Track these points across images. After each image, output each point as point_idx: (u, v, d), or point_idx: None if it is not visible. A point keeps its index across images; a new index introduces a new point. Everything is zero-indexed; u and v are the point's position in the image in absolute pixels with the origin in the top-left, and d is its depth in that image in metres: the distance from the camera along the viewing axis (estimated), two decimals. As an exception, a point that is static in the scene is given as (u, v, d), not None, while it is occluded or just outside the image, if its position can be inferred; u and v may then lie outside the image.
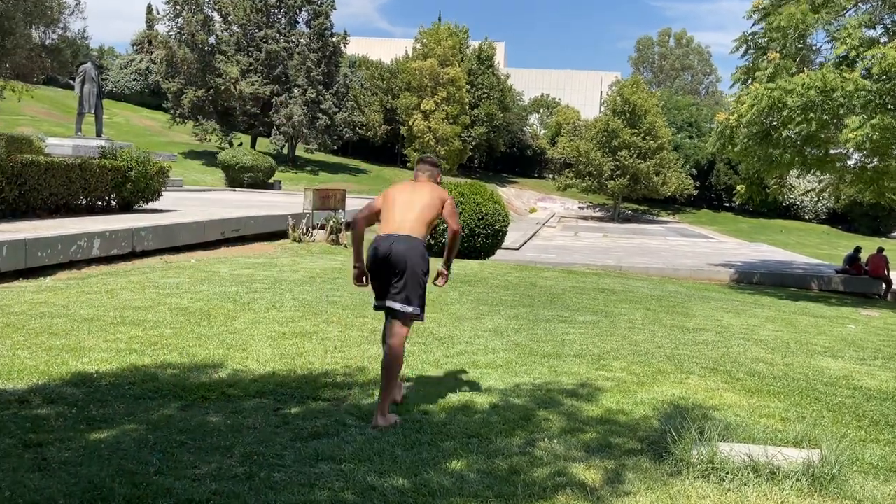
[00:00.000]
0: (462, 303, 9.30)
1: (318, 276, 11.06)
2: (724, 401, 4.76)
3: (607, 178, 51.26)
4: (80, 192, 14.00)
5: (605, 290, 12.30)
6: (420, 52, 49.13)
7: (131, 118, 53.58)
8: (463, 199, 18.63)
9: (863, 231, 53.61)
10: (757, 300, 14.25)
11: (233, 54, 46.55)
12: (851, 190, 22.07)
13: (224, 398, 4.34)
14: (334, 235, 18.01)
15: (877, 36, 16.61)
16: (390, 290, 4.12)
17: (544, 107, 71.58)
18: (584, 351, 6.31)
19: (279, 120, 46.28)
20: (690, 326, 8.77)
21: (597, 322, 8.42)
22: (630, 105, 51.29)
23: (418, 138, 47.23)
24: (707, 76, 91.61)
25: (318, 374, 4.97)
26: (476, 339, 6.65)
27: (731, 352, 6.89)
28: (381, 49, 68.99)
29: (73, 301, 7.71)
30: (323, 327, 6.86)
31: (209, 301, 8.02)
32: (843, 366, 6.57)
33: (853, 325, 10.37)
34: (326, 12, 47.63)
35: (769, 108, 15.57)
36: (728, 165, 55.97)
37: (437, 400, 4.44)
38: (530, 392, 4.70)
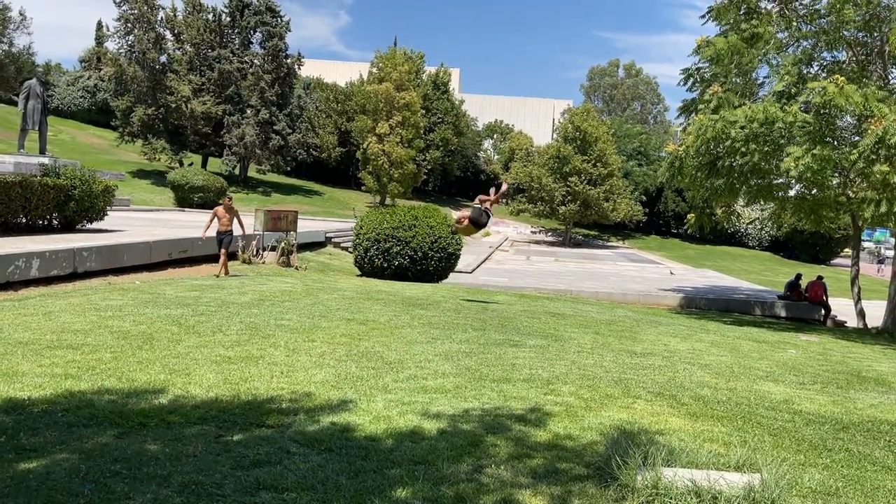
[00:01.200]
0: (413, 326, 9.25)
1: (266, 299, 10.88)
2: (669, 425, 4.82)
3: (559, 204, 52.01)
4: (20, 210, 13.55)
5: (555, 314, 12.40)
6: (376, 76, 49.30)
7: (77, 136, 52.28)
8: (416, 221, 18.66)
9: (804, 258, 55.50)
10: (703, 325, 14.55)
11: (185, 73, 45.96)
12: (792, 219, 22.86)
13: (164, 425, 4.20)
14: (285, 257, 17.80)
15: (815, 73, 17.34)
16: None
17: (498, 132, 72.51)
18: (533, 375, 6.33)
19: (231, 140, 45.75)
20: (638, 351, 8.89)
21: (547, 346, 8.47)
22: (581, 132, 52.32)
23: (373, 161, 47.21)
24: (655, 106, 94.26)
25: (263, 400, 4.86)
26: (426, 364, 6.61)
27: (677, 376, 7.00)
28: (337, 72, 69.08)
29: (8, 324, 7.41)
30: (270, 351, 6.73)
31: (152, 324, 7.79)
32: (784, 390, 6.72)
33: (794, 350, 10.66)
34: (281, 34, 47.50)
35: (713, 138, 16.06)
36: (676, 193, 57.47)
37: (385, 426, 4.37)
38: (479, 417, 4.67)
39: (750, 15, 16.57)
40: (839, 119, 16.23)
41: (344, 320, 9.23)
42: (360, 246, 18.68)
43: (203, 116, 45.27)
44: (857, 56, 17.64)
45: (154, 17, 44.94)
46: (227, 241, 14.33)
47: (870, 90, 14.87)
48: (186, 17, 47.49)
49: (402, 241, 18.22)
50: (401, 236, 18.22)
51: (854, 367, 9.20)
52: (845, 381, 7.66)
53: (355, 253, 19.11)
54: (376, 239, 18.30)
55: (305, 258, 20.13)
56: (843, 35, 16.98)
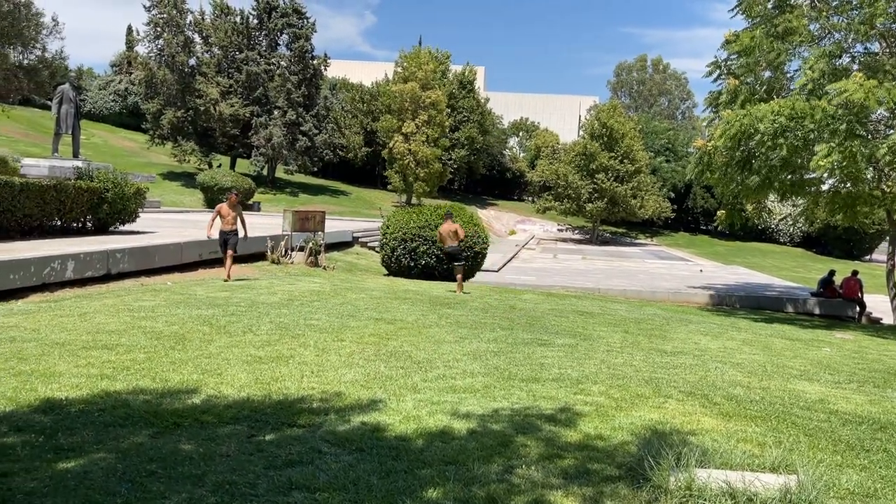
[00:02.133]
0: (441, 326, 9.27)
1: (296, 299, 10.97)
2: (701, 425, 4.76)
3: (585, 201, 51.66)
4: (54, 213, 13.82)
5: (583, 313, 12.33)
6: (401, 76, 49.42)
7: (109, 139, 53.19)
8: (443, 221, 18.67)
9: (837, 254, 54.43)
10: (734, 323, 14.36)
11: (213, 76, 46.50)
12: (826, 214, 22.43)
13: (197, 425, 4.25)
14: (313, 257, 17.93)
15: (846, 64, 17.00)
16: None
17: (523, 130, 72.25)
18: (562, 375, 6.30)
19: (259, 141, 46.18)
20: (668, 349, 8.80)
21: (575, 345, 8.42)
22: (608, 129, 51.89)
23: (398, 160, 47.34)
24: (684, 101, 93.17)
25: (294, 400, 4.90)
26: (455, 363, 6.62)
27: (709, 375, 6.91)
28: (362, 72, 69.35)
29: (45, 325, 7.56)
30: (300, 351, 6.78)
31: (184, 324, 7.90)
32: (819, 389, 6.61)
33: (828, 348, 10.46)
34: (307, 35, 47.82)
35: (741, 133, 15.83)
36: (705, 189, 56.72)
37: (415, 426, 4.39)
38: (509, 417, 4.67)
39: (780, 9, 16.28)
40: (869, 114, 15.88)
41: (372, 320, 9.27)
42: (387, 245, 18.74)
43: (231, 118, 45.77)
44: (891, 47, 17.25)
45: (183, 20, 45.51)
46: (234, 242, 13.37)
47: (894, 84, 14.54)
48: (214, 20, 48.03)
49: (429, 240, 18.24)
50: (427, 235, 18.24)
51: (891, 365, 9.00)
52: (882, 380, 7.50)
53: (382, 252, 19.19)
54: (403, 238, 18.35)
55: (333, 258, 20.26)
56: (875, 27, 16.62)
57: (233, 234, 13.41)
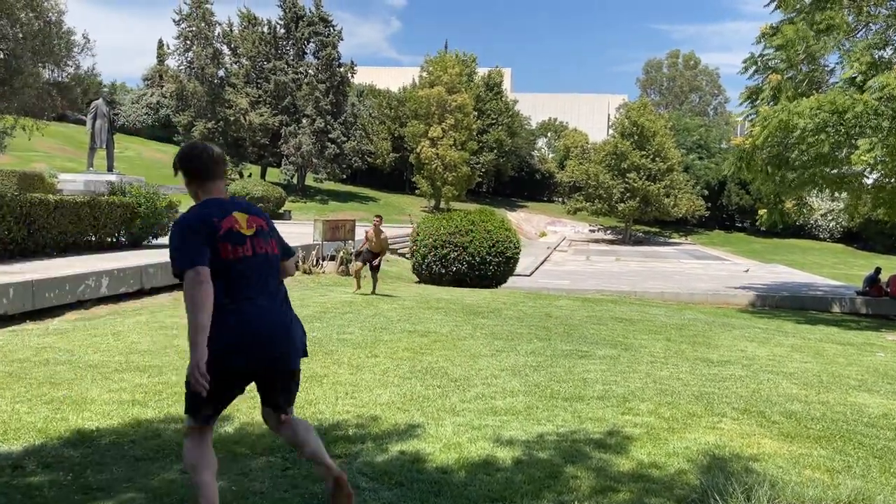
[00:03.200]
0: (476, 338, 9.03)
1: (328, 311, 10.83)
2: (762, 449, 4.46)
3: (617, 201, 51.00)
4: (89, 229, 13.90)
5: (622, 320, 11.99)
6: (427, 80, 49.35)
7: (143, 152, 53.98)
8: (473, 226, 18.44)
9: (879, 249, 52.89)
10: (779, 326, 13.89)
11: (242, 86, 46.96)
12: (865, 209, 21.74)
13: (230, 457, 4.08)
14: (344, 266, 17.82)
15: (889, 56, 16.41)
16: None
17: (552, 130, 71.68)
18: (607, 392, 6.02)
19: (288, 150, 46.48)
20: (714, 359, 8.46)
21: (617, 356, 8.13)
22: (638, 127, 51.20)
23: (426, 165, 47.25)
24: (715, 97, 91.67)
25: (329, 426, 4.71)
26: (493, 380, 6.38)
27: (762, 388, 6.57)
28: (389, 77, 69.46)
29: (79, 345, 7.50)
30: (333, 369, 6.60)
31: (217, 342, 7.77)
32: (881, 402, 6.23)
33: (882, 353, 10.00)
34: (334, 43, 48.03)
35: (781, 129, 15.36)
36: (740, 186, 55.59)
37: (456, 455, 4.16)
38: (555, 443, 4.41)
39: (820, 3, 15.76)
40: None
41: (405, 332, 9.08)
42: (418, 253, 18.57)
43: (261, 128, 46.14)
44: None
45: (211, 32, 46.04)
46: (378, 261, 14.48)
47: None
48: (242, 32, 48.51)
49: (460, 246, 18.04)
50: (458, 242, 18.04)
51: (953, 371, 8.53)
52: (948, 390, 7.08)
53: (413, 260, 19.02)
54: (433, 245, 18.17)
55: (364, 266, 20.14)
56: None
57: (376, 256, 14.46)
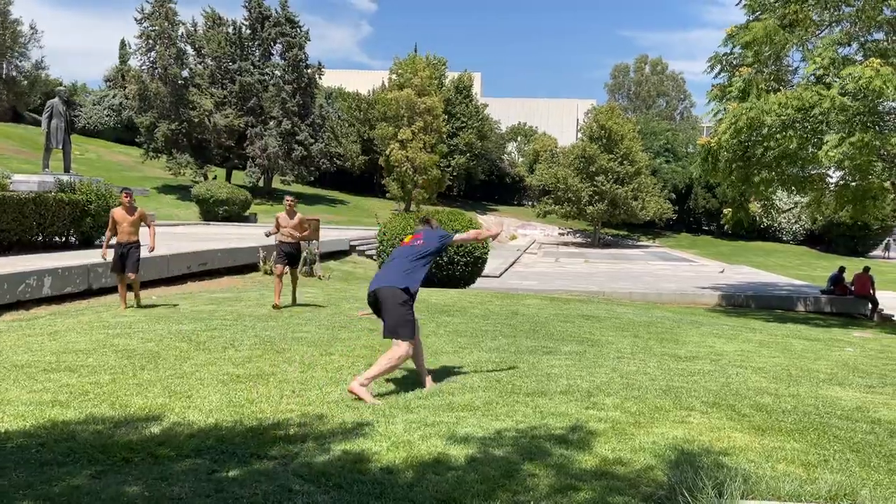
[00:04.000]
0: (439, 335, 8.69)
1: (285, 311, 10.40)
2: (733, 442, 4.18)
3: (586, 204, 51.11)
4: (34, 228, 13.27)
5: (589, 317, 11.74)
6: (396, 83, 48.98)
7: (104, 154, 52.74)
8: (442, 226, 18.10)
9: (840, 251, 53.76)
10: (746, 324, 13.76)
11: (206, 87, 46.07)
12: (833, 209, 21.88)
13: (151, 460, 3.67)
14: (308, 267, 17.35)
15: (852, 54, 16.47)
16: None
17: (521, 135, 71.78)
18: (571, 386, 5.71)
19: (254, 152, 45.70)
20: (682, 354, 8.22)
21: (583, 352, 7.84)
22: (606, 131, 51.40)
23: (396, 168, 46.82)
24: (681, 102, 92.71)
25: (269, 426, 4.31)
26: (453, 376, 6.03)
27: (731, 382, 6.32)
28: (359, 80, 68.93)
29: (9, 346, 6.99)
30: (283, 367, 6.20)
31: (161, 341, 7.33)
32: (854, 395, 6.02)
33: (851, 348, 9.87)
34: (301, 44, 47.41)
35: (748, 127, 15.28)
36: (706, 189, 56.16)
37: (404, 454, 3.80)
38: (513, 440, 4.08)
39: (786, 0, 15.75)
40: (880, 104, 15.35)
41: (366, 331, 8.69)
42: (385, 252, 18.16)
43: (226, 129, 45.30)
44: None
45: (175, 32, 45.11)
46: (134, 261, 9.95)
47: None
48: (207, 32, 47.63)
49: (427, 246, 17.68)
50: (425, 241, 17.68)
51: (922, 365, 8.41)
52: (919, 383, 6.91)
53: (379, 260, 18.61)
54: (400, 245, 17.79)
55: (329, 267, 19.70)
56: (883, 14, 16.09)
57: (131, 246, 9.98)
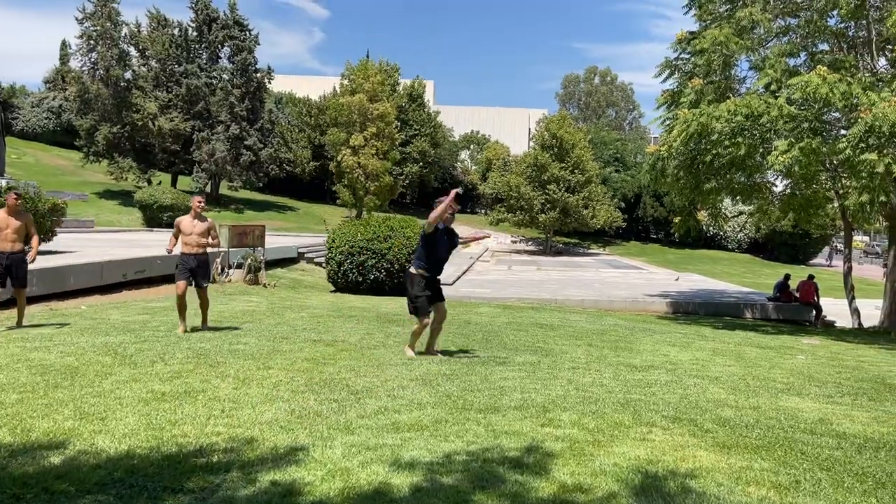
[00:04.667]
0: (388, 346, 8.29)
1: (225, 320, 9.85)
2: (699, 462, 3.89)
3: (538, 212, 51.26)
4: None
5: (543, 326, 11.49)
6: (348, 88, 48.36)
7: (42, 158, 50.75)
8: (392, 232, 17.69)
9: (783, 259, 55.20)
10: (698, 331, 13.72)
11: (151, 90, 44.71)
12: (779, 216, 22.24)
13: (45, 497, 3.17)
14: (252, 275, 16.73)
15: (800, 64, 16.72)
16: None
17: (474, 143, 71.84)
18: (526, 400, 5.38)
19: (201, 157, 44.50)
20: (638, 364, 7.99)
21: (537, 363, 7.54)
22: (557, 140, 51.71)
23: (347, 174, 46.13)
24: (630, 112, 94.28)
25: (190, 452, 3.85)
26: (400, 391, 5.64)
27: (689, 394, 6.09)
28: (310, 86, 68.04)
29: None
30: (215, 383, 5.71)
31: (83, 355, 6.74)
32: (814, 406, 5.84)
33: (803, 356, 9.82)
34: (250, 47, 46.45)
35: (698, 133, 15.33)
36: (654, 198, 57.01)
37: (341, 484, 3.39)
38: (464, 464, 3.71)
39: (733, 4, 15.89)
40: (826, 113, 15.59)
41: (309, 342, 8.23)
42: (333, 260, 17.67)
43: (171, 133, 43.98)
44: (842, 46, 17.06)
45: (118, 33, 43.64)
46: (20, 272, 8.60)
47: (855, 79, 14.25)
48: (151, 33, 46.27)
49: (378, 253, 17.25)
50: (376, 248, 17.25)
51: (874, 373, 8.36)
52: (874, 392, 6.80)
53: (328, 268, 18.10)
54: (350, 252, 17.31)
55: (276, 275, 19.06)
56: (827, 25, 16.39)
57: (15, 256, 8.53)
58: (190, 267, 8.80)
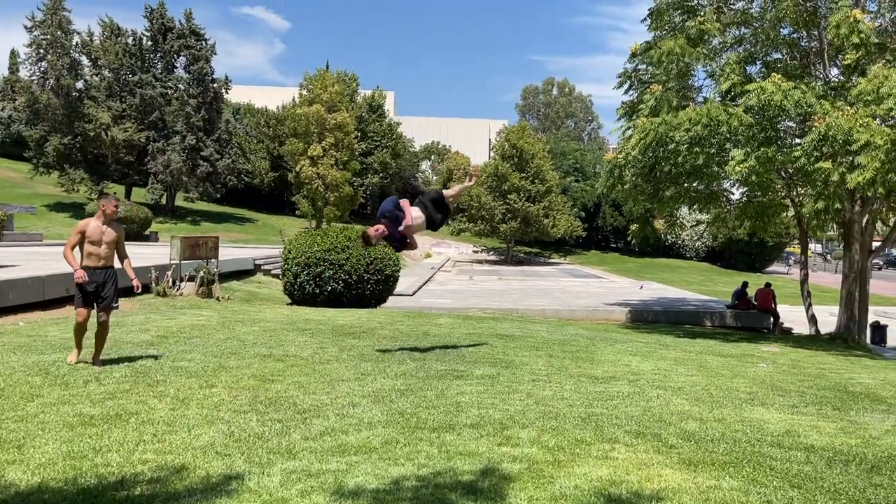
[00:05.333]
0: (341, 360, 7.94)
1: (171, 335, 9.38)
2: (665, 482, 3.66)
3: (499, 222, 51.32)
4: None
5: (503, 336, 11.25)
6: (306, 98, 47.82)
7: (-12, 169, 49.06)
8: (350, 243, 17.31)
9: (739, 267, 56.18)
10: (659, 340, 13.64)
11: (104, 100, 43.55)
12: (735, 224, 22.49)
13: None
14: (205, 287, 16.18)
15: (755, 72, 16.91)
16: None
17: (435, 153, 71.79)
18: (483, 417, 5.11)
19: (156, 168, 43.46)
20: (599, 375, 7.79)
21: (496, 375, 7.28)
22: (518, 150, 51.93)
23: (306, 185, 45.53)
24: (589, 123, 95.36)
25: (112, 484, 3.48)
26: (350, 409, 5.32)
27: (653, 406, 5.89)
28: (268, 97, 67.23)
29: None
30: (151, 404, 5.32)
31: (11, 375, 6.27)
32: (779, 417, 5.69)
33: (764, 364, 9.76)
34: (206, 57, 45.65)
35: (657, 142, 15.35)
36: (613, 208, 57.58)
37: (277, 517, 3.07)
38: (414, 491, 3.41)
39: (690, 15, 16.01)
40: (780, 122, 15.77)
41: (258, 357, 7.85)
42: (289, 272, 17.20)
43: (125, 144, 42.85)
44: (795, 55, 17.32)
45: (69, 41, 42.45)
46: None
47: (809, 87, 14.44)
48: (104, 42, 45.15)
49: (336, 264, 16.85)
50: (333, 259, 16.84)
51: (835, 380, 8.30)
52: (838, 400, 6.70)
53: (284, 279, 17.62)
54: (306, 263, 16.87)
55: (231, 287, 18.51)
56: (780, 35, 16.61)
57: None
58: (95, 284, 7.04)
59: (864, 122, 12.63)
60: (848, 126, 12.70)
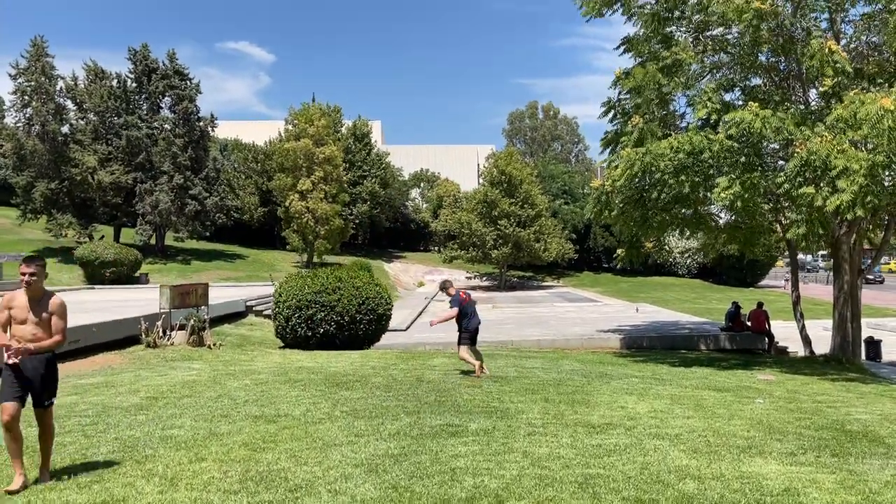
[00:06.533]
0: (334, 419, 7.83)
1: (162, 396, 9.25)
2: (664, 565, 3.59)
3: (491, 248, 51.39)
4: None
5: (498, 378, 11.17)
6: (293, 133, 47.99)
7: (-25, 216, 48.80)
8: (341, 283, 17.24)
9: (731, 283, 56.38)
10: (655, 372, 13.58)
11: (89, 143, 43.57)
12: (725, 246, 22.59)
13: None
14: (196, 336, 16.05)
15: (734, 99, 17.07)
16: None
17: (424, 181, 72.05)
18: (478, 488, 5.02)
19: (144, 209, 43.39)
20: (595, 422, 7.71)
21: (492, 430, 7.19)
22: (506, 175, 52.19)
23: (296, 219, 45.53)
24: (576, 145, 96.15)
25: None
26: (342, 484, 5.22)
27: (650, 463, 5.81)
28: (255, 130, 67.50)
29: None
30: (139, 487, 5.20)
31: (-6, 458, 6.13)
32: (778, 469, 5.62)
33: (761, 400, 9.70)
34: (191, 96, 45.82)
35: (642, 172, 15.44)
36: (604, 229, 57.79)
37: None
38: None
39: (666, 44, 16.18)
40: (763, 146, 15.89)
41: (250, 419, 7.73)
42: (281, 315, 17.10)
43: (112, 186, 42.80)
44: (774, 80, 17.50)
45: (53, 87, 42.55)
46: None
47: (788, 113, 14.57)
48: (89, 86, 45.27)
49: (327, 305, 16.76)
50: (324, 301, 16.76)
51: (833, 417, 8.25)
52: (836, 444, 6.64)
53: (276, 323, 17.51)
54: (297, 306, 16.78)
55: (223, 332, 18.38)
56: (759, 60, 16.80)
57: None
58: (26, 375, 5.43)
59: (840, 148, 12.74)
60: (825, 152, 12.81)
